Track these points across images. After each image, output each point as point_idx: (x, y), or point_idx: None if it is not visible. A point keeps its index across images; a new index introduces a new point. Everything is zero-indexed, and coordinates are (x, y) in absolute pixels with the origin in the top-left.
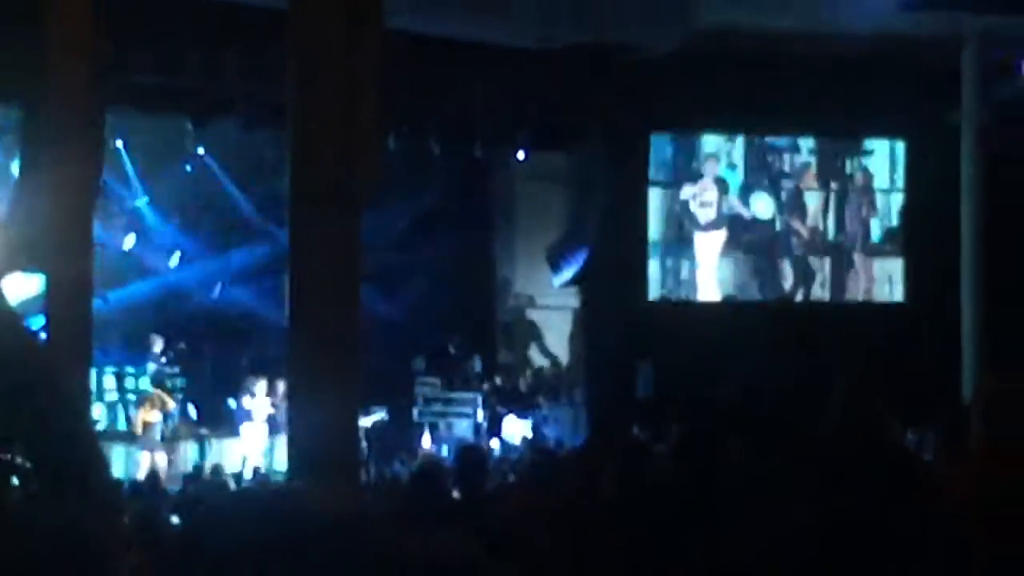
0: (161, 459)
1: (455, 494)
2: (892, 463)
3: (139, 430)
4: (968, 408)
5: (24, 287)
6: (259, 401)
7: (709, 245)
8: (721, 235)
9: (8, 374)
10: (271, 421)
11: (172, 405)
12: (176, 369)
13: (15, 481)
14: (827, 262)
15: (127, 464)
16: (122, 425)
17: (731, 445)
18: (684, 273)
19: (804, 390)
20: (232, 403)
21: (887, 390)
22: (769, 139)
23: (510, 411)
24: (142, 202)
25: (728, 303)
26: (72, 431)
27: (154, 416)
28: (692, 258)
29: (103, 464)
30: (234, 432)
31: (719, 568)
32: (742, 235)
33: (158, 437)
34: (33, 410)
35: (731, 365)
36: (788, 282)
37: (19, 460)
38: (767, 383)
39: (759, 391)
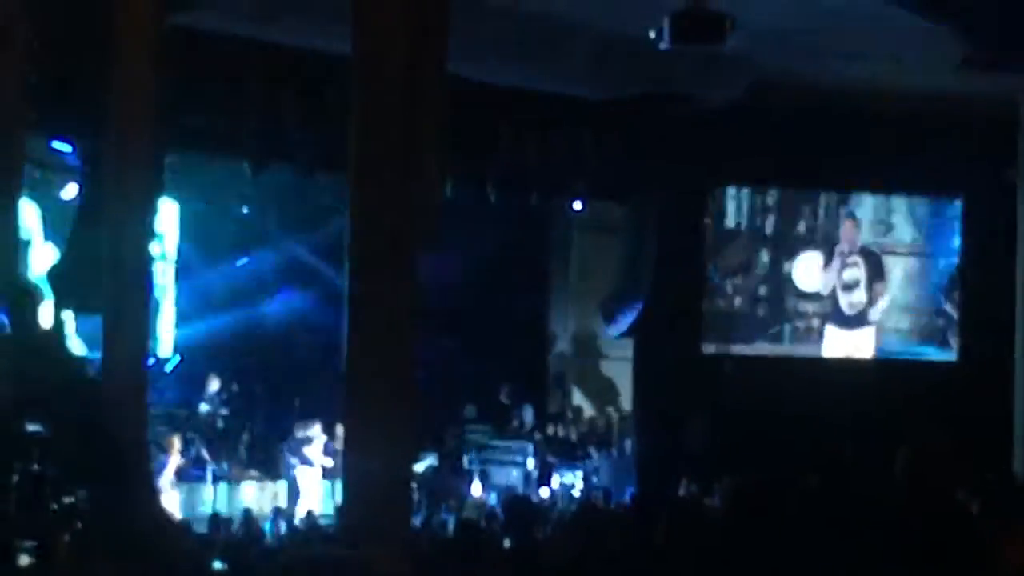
0: (174, 500)
1: (506, 543)
2: (955, 530)
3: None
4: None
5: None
6: (312, 445)
7: None
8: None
9: (66, 417)
10: (323, 466)
11: (178, 449)
12: (229, 410)
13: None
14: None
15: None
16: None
17: (786, 499)
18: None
19: (858, 448)
20: (283, 446)
21: (952, 455)
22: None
23: (560, 461)
24: (196, 244)
25: (782, 358)
26: (124, 472)
27: (179, 458)
28: None
29: (158, 507)
30: (284, 475)
31: None
32: None
33: (173, 478)
34: (88, 452)
35: (786, 420)
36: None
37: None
38: (819, 441)
39: (813, 449)
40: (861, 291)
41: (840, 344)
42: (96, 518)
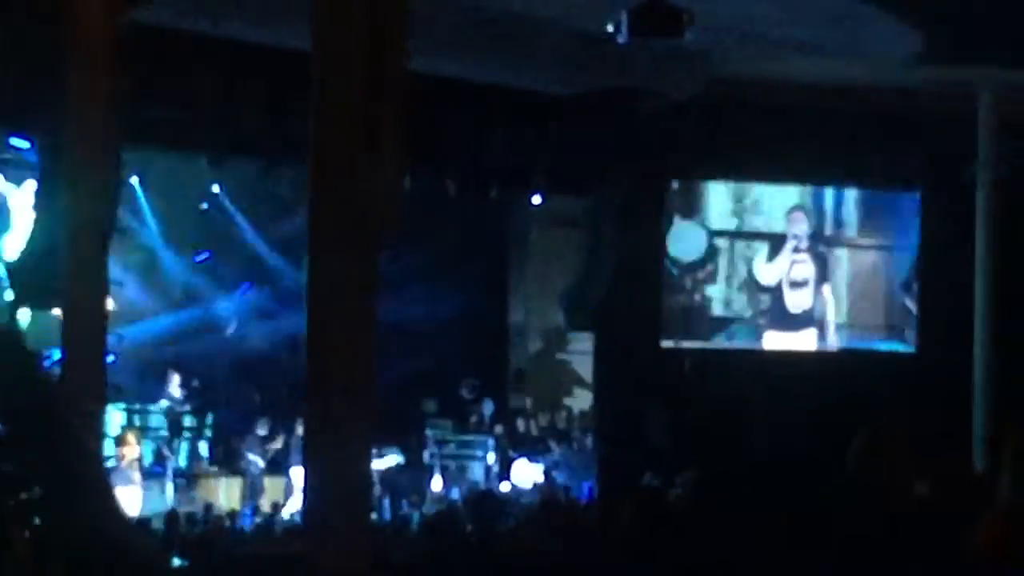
0: (136, 495)
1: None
2: (905, 518)
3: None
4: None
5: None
6: (270, 441)
7: None
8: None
9: (22, 414)
10: (279, 462)
11: (136, 447)
12: (189, 407)
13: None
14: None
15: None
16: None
17: (747, 493)
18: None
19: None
20: (243, 442)
21: (908, 442)
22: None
23: (521, 455)
24: (157, 239)
25: (741, 351)
26: (79, 470)
27: (133, 452)
28: None
29: (113, 505)
30: (245, 472)
31: None
32: None
33: (137, 474)
34: (43, 449)
35: (746, 413)
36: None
37: (28, 496)
38: (781, 430)
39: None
40: (808, 289)
41: (780, 343)
42: (52, 516)
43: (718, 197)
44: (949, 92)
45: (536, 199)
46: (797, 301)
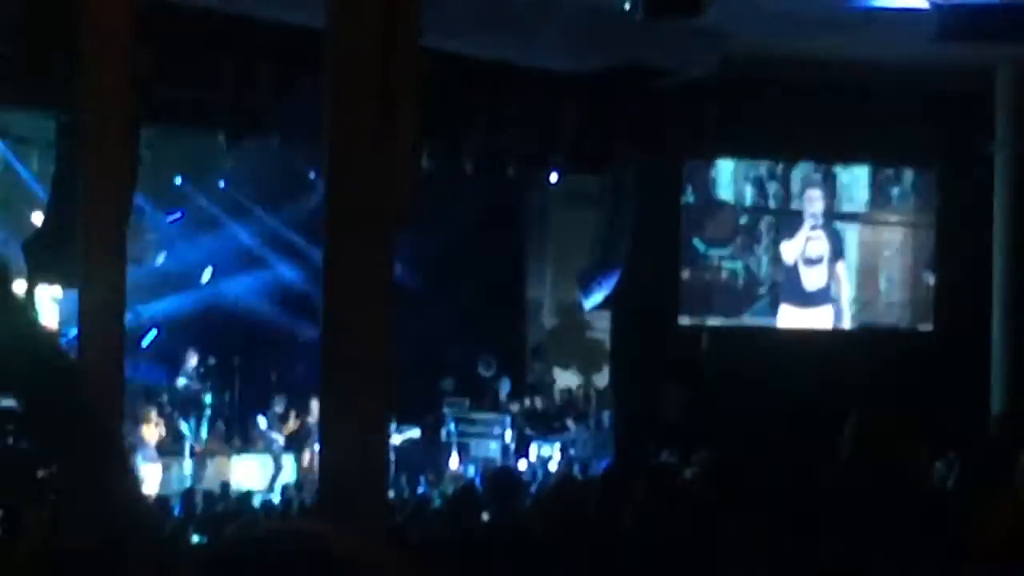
0: (155, 473)
1: (485, 516)
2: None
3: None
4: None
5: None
6: (287, 419)
7: None
8: None
9: (39, 392)
10: (297, 439)
11: (155, 426)
12: (206, 384)
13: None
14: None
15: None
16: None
17: (759, 472)
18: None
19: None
20: (260, 420)
21: (912, 419)
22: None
23: (538, 433)
24: (174, 218)
25: (759, 328)
26: (97, 449)
27: (151, 431)
28: None
29: (132, 484)
30: (262, 449)
31: None
32: None
33: (155, 451)
34: (61, 428)
35: (761, 391)
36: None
37: (46, 473)
38: (794, 410)
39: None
40: (823, 267)
41: (796, 319)
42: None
43: (740, 174)
44: (966, 69)
45: (553, 177)
46: (813, 279)
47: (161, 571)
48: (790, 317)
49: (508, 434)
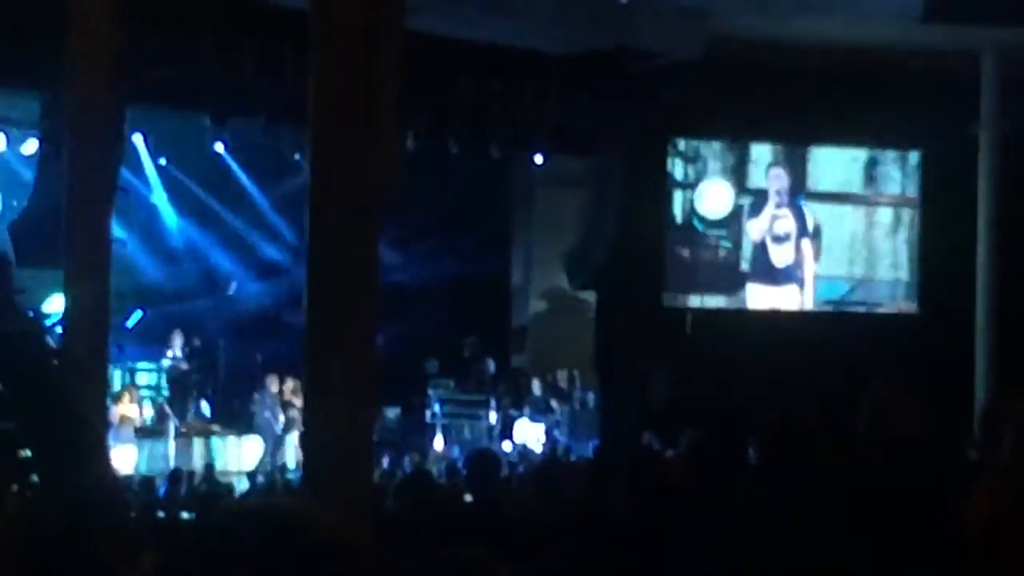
0: (131, 454)
1: (467, 497)
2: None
3: (115, 423)
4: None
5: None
6: (272, 399)
7: None
8: None
9: (20, 375)
10: (283, 419)
11: (132, 406)
12: (191, 365)
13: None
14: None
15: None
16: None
17: (746, 453)
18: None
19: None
20: (246, 401)
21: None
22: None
23: (523, 414)
24: (160, 198)
25: (742, 311)
26: (73, 432)
27: (131, 411)
28: None
29: (105, 468)
30: (247, 430)
31: None
32: None
33: (133, 432)
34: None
35: (745, 373)
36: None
37: (26, 455)
38: (781, 391)
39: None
40: (790, 245)
41: (765, 299)
42: (48, 474)
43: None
44: (951, 51)
45: (538, 159)
46: (781, 256)
47: (128, 548)
48: (759, 295)
49: (493, 416)
